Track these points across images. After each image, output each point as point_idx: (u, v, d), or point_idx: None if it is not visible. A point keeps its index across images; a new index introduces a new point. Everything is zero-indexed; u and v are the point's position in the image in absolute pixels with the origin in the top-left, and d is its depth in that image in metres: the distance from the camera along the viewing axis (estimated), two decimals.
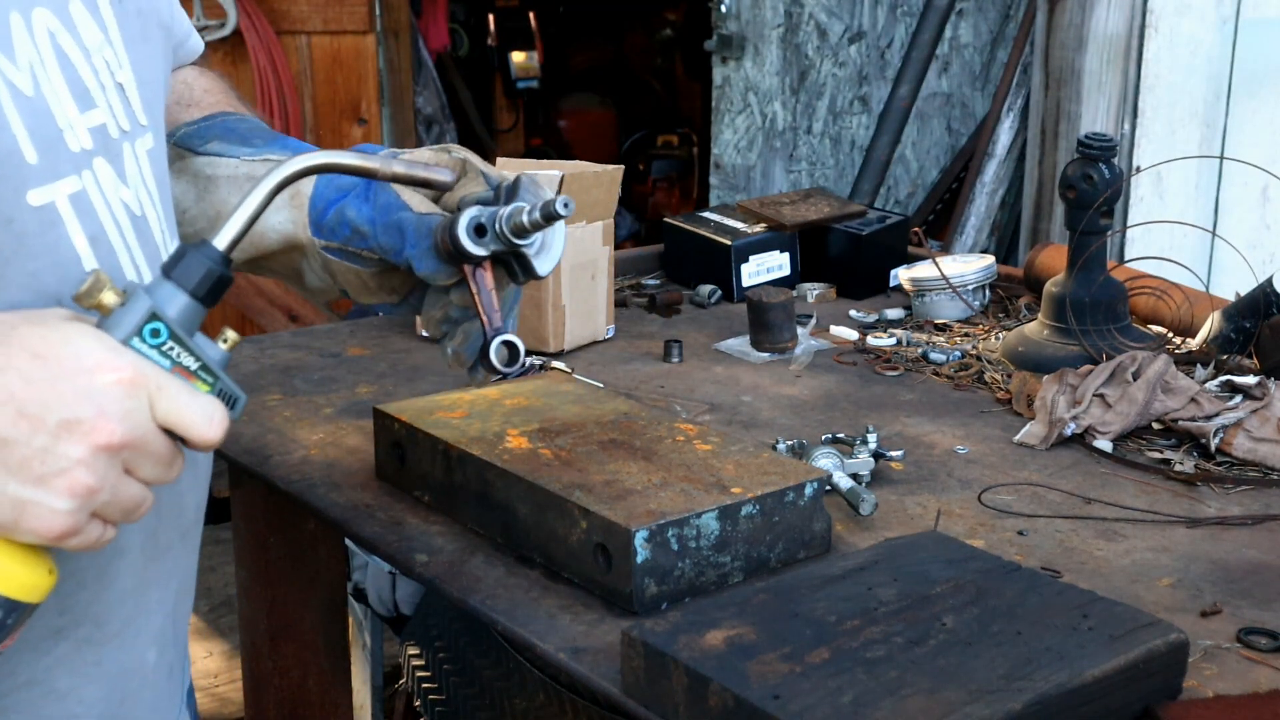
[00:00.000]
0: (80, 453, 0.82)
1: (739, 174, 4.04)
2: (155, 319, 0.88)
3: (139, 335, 0.87)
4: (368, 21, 4.17)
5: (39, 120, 0.91)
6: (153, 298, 0.88)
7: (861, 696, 0.94)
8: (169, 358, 0.88)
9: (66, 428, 0.82)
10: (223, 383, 0.91)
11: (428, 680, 1.96)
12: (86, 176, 0.95)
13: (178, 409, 0.86)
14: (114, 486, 0.84)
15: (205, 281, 0.91)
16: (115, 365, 0.83)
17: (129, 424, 0.83)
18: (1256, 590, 1.24)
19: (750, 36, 3.94)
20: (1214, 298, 1.99)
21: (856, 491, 1.35)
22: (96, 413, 0.82)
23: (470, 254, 1.09)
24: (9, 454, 0.81)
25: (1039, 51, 3.83)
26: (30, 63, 0.91)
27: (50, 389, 0.81)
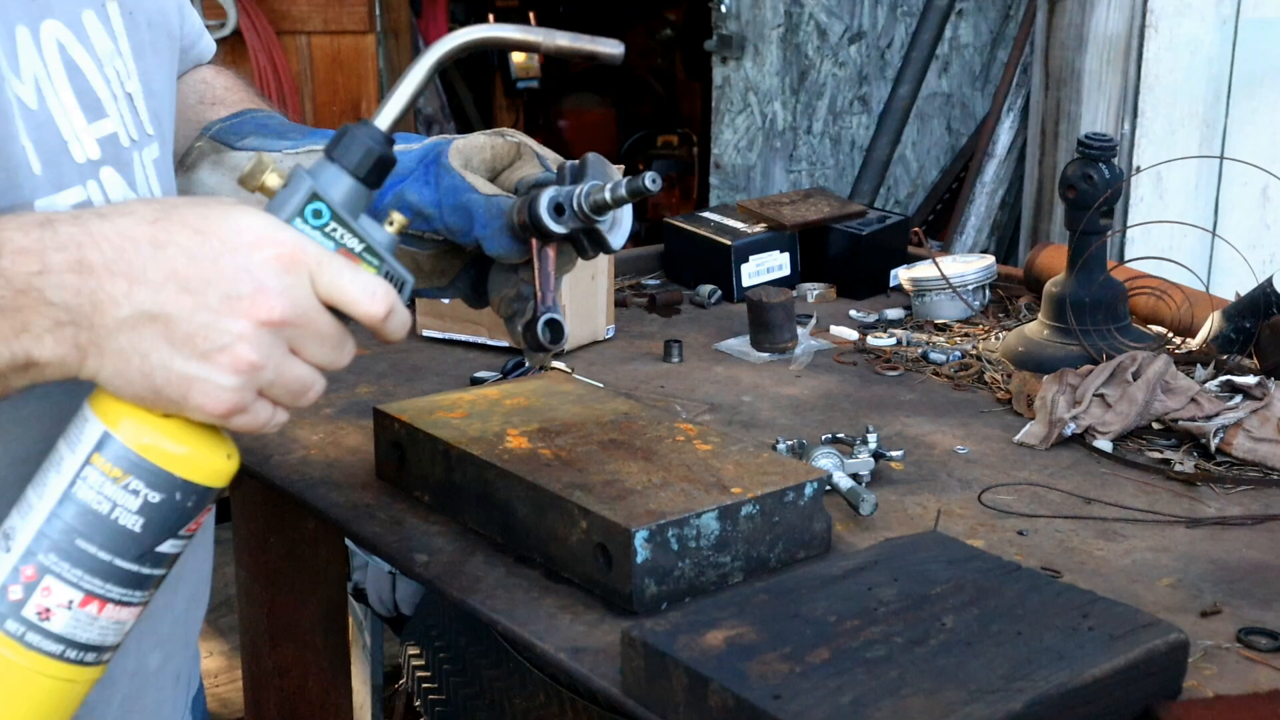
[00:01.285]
0: (242, 327, 0.82)
1: (739, 174, 4.04)
2: (316, 199, 0.86)
3: (301, 216, 0.86)
4: (368, 21, 4.17)
5: (43, 132, 0.92)
6: (314, 179, 0.87)
7: (861, 696, 0.94)
8: (332, 239, 0.87)
9: (228, 303, 0.81)
10: (388, 265, 0.89)
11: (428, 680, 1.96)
12: (92, 186, 0.95)
13: (339, 285, 0.85)
14: (278, 364, 0.84)
15: (366, 161, 0.89)
16: (275, 240, 0.83)
17: (289, 299, 0.83)
18: (1256, 590, 1.24)
19: (750, 36, 3.94)
20: (1214, 298, 1.99)
21: (856, 491, 1.35)
22: (256, 288, 0.82)
23: (550, 231, 1.07)
24: (173, 330, 0.81)
25: (1039, 51, 3.83)
26: (35, 75, 0.92)
27: (211, 265, 0.81)
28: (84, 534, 0.84)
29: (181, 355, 0.82)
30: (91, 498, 0.84)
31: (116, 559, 0.85)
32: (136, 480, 0.84)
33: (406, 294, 0.92)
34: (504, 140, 1.15)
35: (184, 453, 0.85)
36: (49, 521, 0.84)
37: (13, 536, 0.85)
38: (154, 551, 0.86)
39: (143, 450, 0.84)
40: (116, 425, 0.84)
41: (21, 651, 0.83)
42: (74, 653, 0.85)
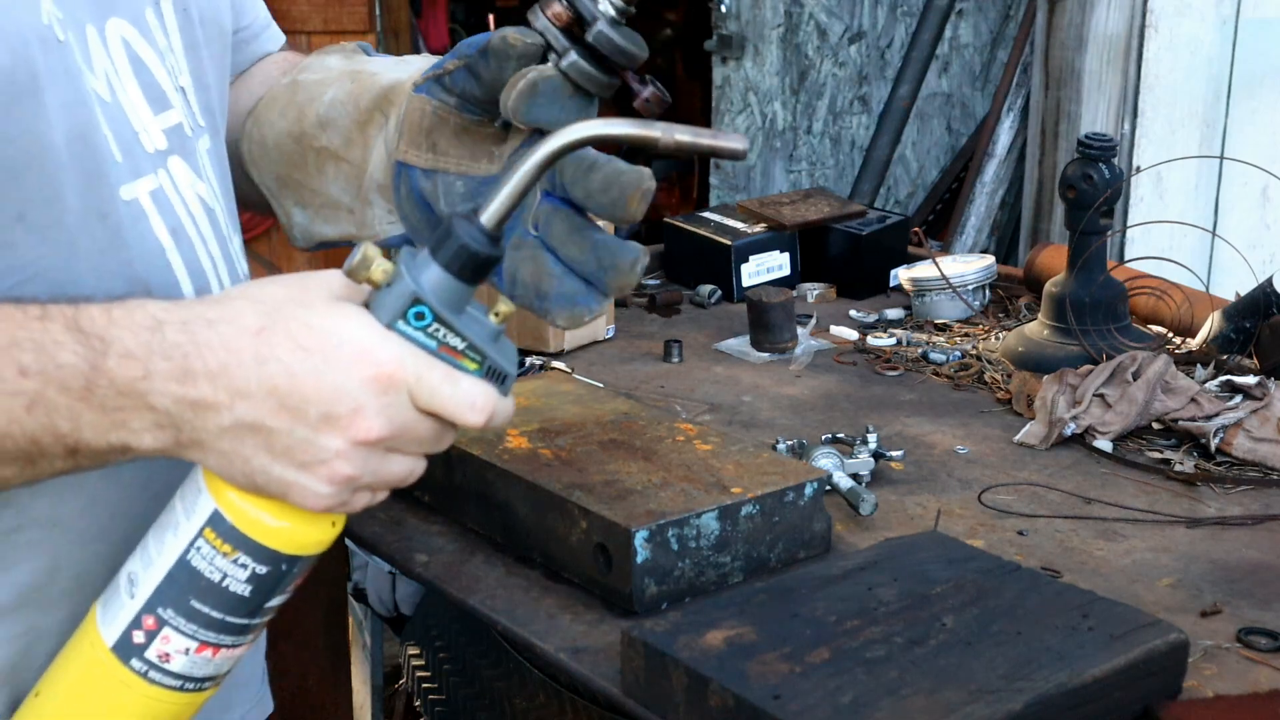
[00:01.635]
0: (339, 446, 0.85)
1: (739, 174, 4.04)
2: (418, 302, 0.86)
3: (403, 318, 0.86)
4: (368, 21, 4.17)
5: (117, 124, 0.96)
6: (415, 279, 0.86)
7: (861, 696, 0.94)
8: (434, 339, 0.87)
9: (326, 422, 0.84)
10: (490, 360, 0.89)
11: (428, 680, 1.96)
12: (162, 175, 1.00)
13: (439, 400, 0.86)
14: (375, 470, 0.87)
15: (471, 261, 0.87)
16: (375, 360, 0.85)
17: (385, 418, 0.85)
18: (1256, 590, 1.24)
19: (750, 36, 3.94)
20: (1214, 298, 1.99)
21: (856, 491, 1.35)
22: (354, 409, 0.84)
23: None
24: (273, 442, 0.85)
25: (1039, 51, 3.83)
26: (105, 71, 0.96)
27: (312, 383, 0.84)
28: (198, 596, 0.90)
29: (280, 464, 0.85)
30: (204, 567, 0.89)
31: (229, 617, 0.91)
32: (245, 556, 0.89)
33: (508, 386, 0.91)
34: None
35: (289, 530, 0.89)
36: (167, 580, 0.90)
37: (136, 584, 0.91)
38: (263, 607, 0.92)
39: (250, 530, 0.89)
40: (226, 504, 0.89)
41: (145, 686, 0.91)
42: (191, 685, 0.93)
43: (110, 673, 0.91)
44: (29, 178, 0.90)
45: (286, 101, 1.20)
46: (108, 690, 0.92)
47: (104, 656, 0.91)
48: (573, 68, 0.96)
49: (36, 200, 0.90)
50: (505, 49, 1.00)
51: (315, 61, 1.22)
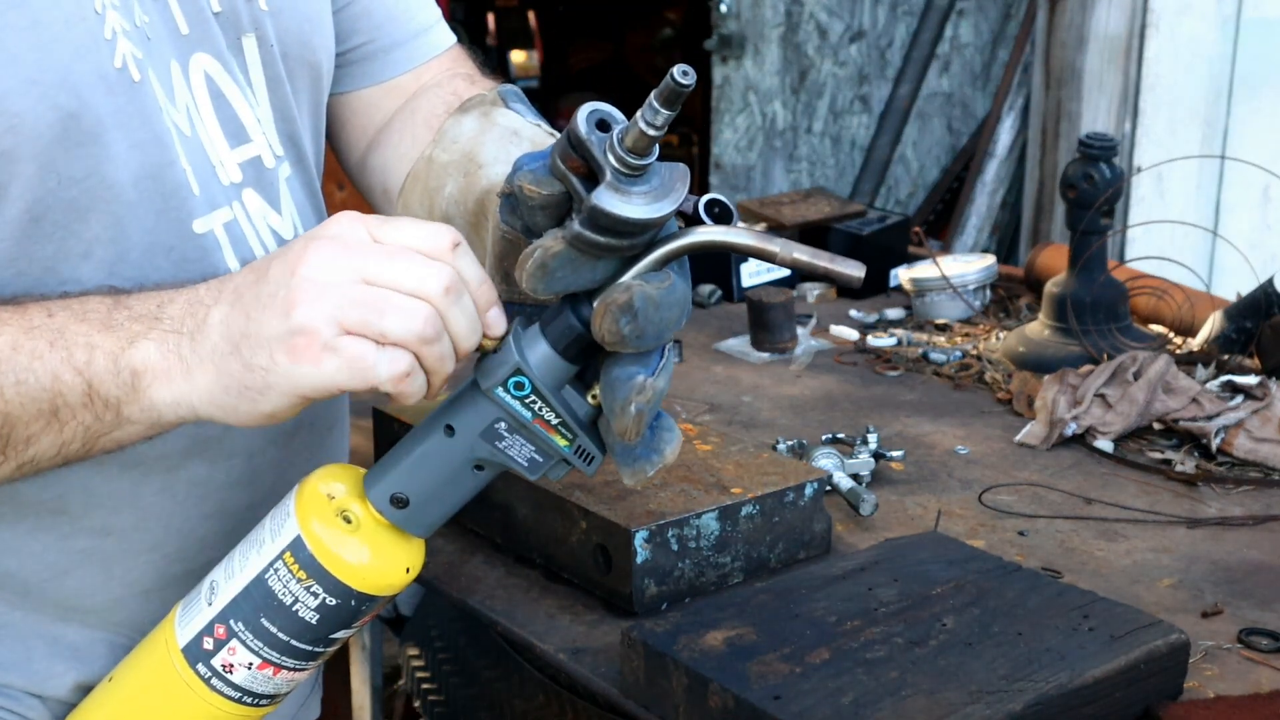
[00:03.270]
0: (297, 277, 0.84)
1: (739, 174, 4.04)
2: (519, 373, 0.89)
3: (503, 385, 0.89)
4: None
5: (196, 157, 1.00)
6: (520, 352, 0.89)
7: (862, 697, 0.94)
8: (531, 410, 0.89)
9: (281, 263, 0.86)
10: (581, 439, 0.91)
11: (427, 681, 1.96)
12: (236, 207, 1.03)
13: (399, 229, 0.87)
14: (359, 302, 0.83)
15: (577, 342, 0.88)
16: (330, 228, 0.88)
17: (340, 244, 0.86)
18: (1257, 591, 1.24)
19: (750, 36, 3.94)
20: (1215, 298, 1.99)
21: (857, 492, 1.35)
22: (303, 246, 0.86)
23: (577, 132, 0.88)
24: (253, 299, 0.86)
25: (1039, 51, 3.83)
26: (186, 105, 1.00)
27: (263, 268, 0.87)
28: (268, 615, 0.93)
29: (259, 319, 0.84)
30: (279, 589, 0.92)
31: (294, 640, 0.94)
32: (318, 585, 0.92)
33: (594, 468, 0.93)
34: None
35: (364, 568, 0.92)
36: (243, 594, 0.93)
37: (216, 592, 0.95)
38: (328, 638, 0.95)
39: (326, 561, 0.91)
40: (309, 533, 0.92)
41: (206, 692, 0.95)
42: (249, 699, 0.96)
43: (177, 672, 0.95)
44: (94, 217, 0.94)
45: (423, 188, 1.16)
46: (172, 689, 0.95)
47: (174, 656, 0.95)
48: (578, 239, 0.88)
49: (103, 238, 0.94)
50: (526, 199, 0.94)
51: (452, 127, 1.16)
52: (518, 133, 1.10)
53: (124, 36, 0.94)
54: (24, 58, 0.88)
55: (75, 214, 0.93)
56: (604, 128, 0.88)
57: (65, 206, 0.92)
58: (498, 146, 1.10)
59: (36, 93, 0.89)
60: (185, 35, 1.00)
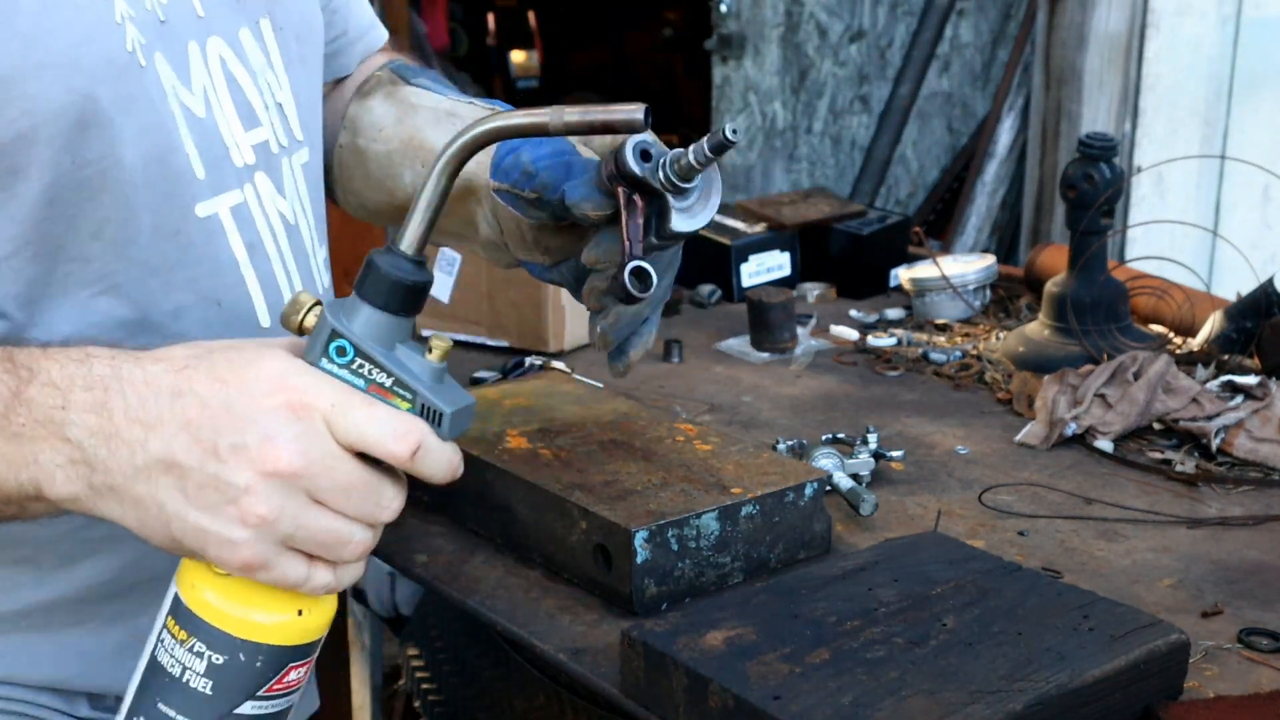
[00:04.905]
0: (248, 479, 0.80)
1: (739, 174, 4.04)
2: (338, 337, 0.84)
3: (325, 355, 0.84)
4: None
5: (208, 140, 1.00)
6: (334, 316, 0.84)
7: (862, 697, 0.94)
8: (361, 376, 0.83)
9: (235, 453, 0.80)
10: (423, 397, 0.84)
11: (427, 681, 1.96)
12: (248, 190, 1.04)
13: (357, 427, 0.81)
14: (296, 516, 0.81)
15: (394, 292, 0.85)
16: (285, 387, 0.81)
17: (297, 447, 0.80)
18: (1257, 591, 1.24)
19: (750, 36, 3.94)
20: (1215, 298, 1.98)
21: (857, 492, 1.35)
22: (262, 438, 0.80)
23: (629, 170, 0.98)
24: (186, 481, 0.81)
25: (1039, 51, 3.83)
26: (204, 87, 1.01)
27: (223, 413, 0.80)
28: (163, 697, 0.84)
29: (194, 507, 0.81)
30: (166, 660, 0.85)
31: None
32: (200, 642, 0.84)
33: (447, 426, 0.85)
34: None
35: (240, 613, 0.84)
36: (141, 683, 0.86)
37: (124, 699, 0.87)
38: (233, 714, 0.85)
39: (200, 610, 0.84)
40: (183, 585, 0.85)
41: None
42: None
43: None
44: (104, 198, 0.94)
45: (366, 179, 1.21)
46: None
47: None
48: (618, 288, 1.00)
49: (112, 219, 0.95)
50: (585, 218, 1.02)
51: (364, 114, 1.21)
52: (452, 113, 1.15)
53: (130, 22, 0.95)
54: (38, 41, 0.89)
55: (87, 194, 0.94)
56: (645, 156, 0.99)
57: (78, 187, 0.93)
58: (441, 131, 1.14)
59: (50, 76, 0.90)
60: (202, 18, 1.02)
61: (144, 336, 0.99)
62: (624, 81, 6.95)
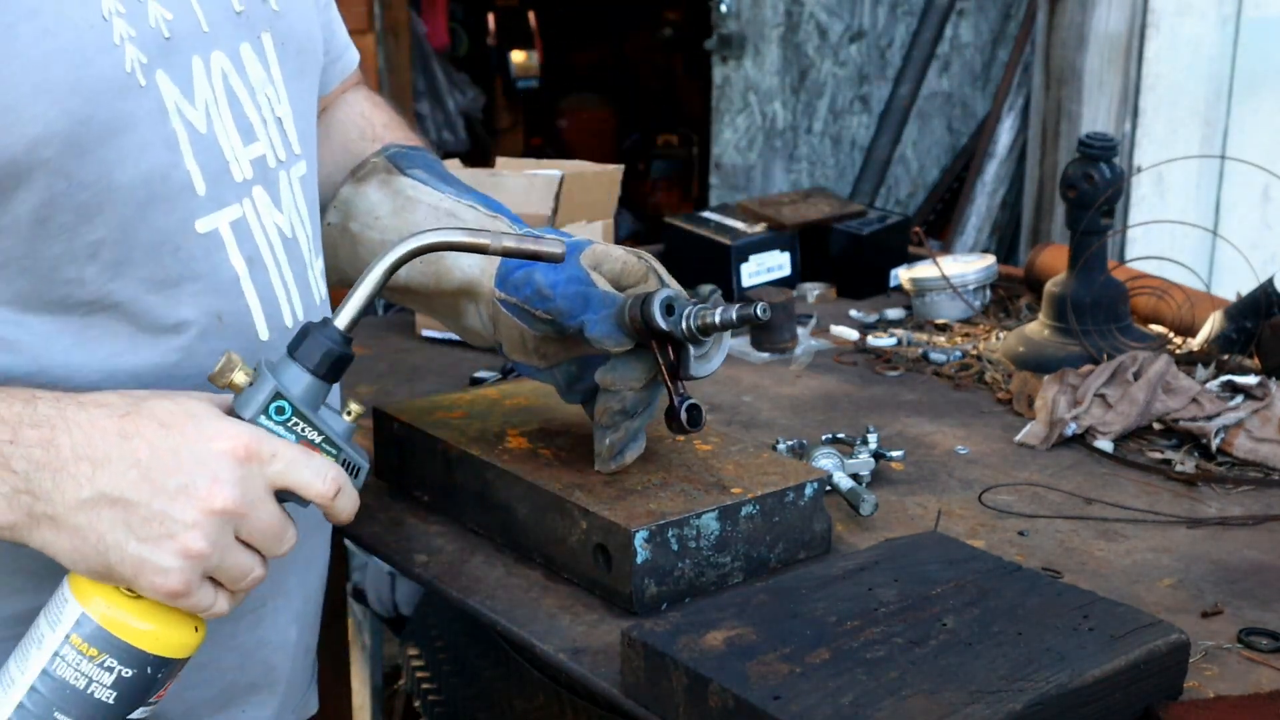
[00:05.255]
0: (194, 516, 0.89)
1: (739, 174, 4.04)
2: (279, 398, 0.94)
3: (265, 413, 0.94)
4: (367, 20, 4.16)
5: (209, 155, 1.02)
6: (277, 377, 0.95)
7: (862, 697, 0.94)
8: (293, 433, 0.94)
9: (183, 492, 0.89)
10: (345, 453, 0.97)
11: (427, 680, 1.96)
12: (246, 204, 1.05)
13: (292, 471, 0.92)
14: (223, 551, 0.90)
15: (326, 360, 0.96)
16: (230, 435, 0.91)
17: (240, 490, 0.90)
18: (1258, 591, 1.24)
19: (750, 36, 3.94)
20: (1215, 298, 1.98)
21: (857, 492, 1.35)
22: (210, 479, 0.89)
23: (658, 327, 1.13)
24: (131, 514, 0.89)
25: (1039, 51, 3.83)
26: (206, 101, 1.02)
27: (172, 456, 0.89)
28: (61, 707, 0.91)
29: (135, 538, 0.89)
30: (69, 674, 0.91)
31: None
32: (110, 658, 0.91)
33: (361, 479, 0.98)
34: (637, 260, 1.21)
35: (152, 630, 0.92)
36: (30, 694, 0.91)
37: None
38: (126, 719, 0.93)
39: (115, 629, 0.91)
40: (90, 606, 0.91)
41: None
42: None
43: None
44: (101, 219, 0.95)
45: (351, 258, 1.27)
46: None
47: None
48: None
49: (109, 240, 0.96)
50: (606, 349, 1.16)
51: (359, 199, 1.27)
52: (452, 213, 1.24)
53: (130, 42, 0.96)
54: (37, 65, 0.90)
55: (83, 216, 0.94)
56: (669, 309, 1.13)
57: (74, 209, 0.94)
58: (434, 227, 1.19)
59: (46, 100, 0.91)
60: (206, 33, 1.02)
61: (145, 350, 1.00)
62: (624, 81, 6.96)
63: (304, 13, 1.16)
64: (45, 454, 0.88)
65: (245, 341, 1.05)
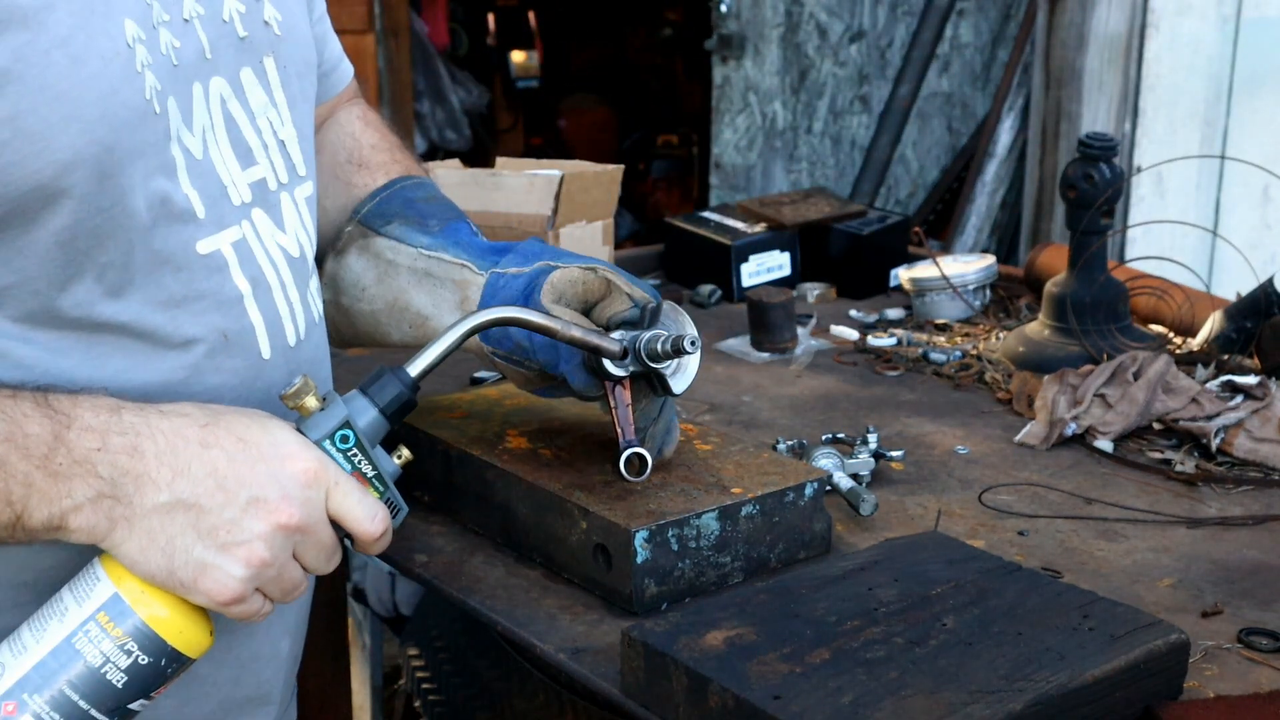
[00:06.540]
0: (262, 528, 0.93)
1: (739, 174, 4.04)
2: (347, 427, 0.99)
3: (330, 439, 0.98)
4: (367, 21, 4.16)
5: (205, 180, 1.03)
6: (348, 408, 1.00)
7: (862, 697, 0.94)
8: (351, 462, 0.99)
9: (255, 504, 0.93)
10: (390, 493, 1.01)
11: (427, 680, 1.96)
12: (246, 226, 1.07)
13: (349, 505, 0.97)
14: (282, 565, 0.95)
15: (395, 403, 1.02)
16: (304, 457, 0.95)
17: (306, 510, 0.95)
18: (1257, 590, 1.24)
19: (750, 36, 3.94)
20: (1215, 298, 1.98)
21: (857, 492, 1.35)
22: (281, 495, 0.94)
23: (611, 374, 1.16)
24: (202, 520, 0.93)
25: (1039, 51, 3.83)
26: (203, 127, 1.03)
27: (248, 468, 0.94)
28: (71, 681, 0.93)
29: (203, 543, 0.93)
30: (88, 650, 0.93)
31: (93, 709, 0.93)
32: (133, 642, 0.94)
33: (399, 520, 1.03)
34: (595, 276, 1.22)
35: (177, 624, 0.95)
36: (41, 664, 0.93)
37: (0, 673, 0.93)
38: (125, 708, 0.95)
39: (144, 615, 0.94)
40: (127, 590, 0.94)
41: None
42: None
43: None
44: (111, 243, 0.96)
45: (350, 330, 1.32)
46: None
47: None
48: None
49: (115, 263, 0.97)
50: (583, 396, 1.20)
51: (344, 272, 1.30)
52: (428, 273, 1.26)
53: (149, 69, 0.97)
54: (67, 95, 0.91)
55: (97, 240, 0.95)
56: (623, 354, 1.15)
57: (90, 233, 0.95)
58: (424, 294, 1.26)
59: (78, 128, 0.92)
60: (209, 60, 1.03)
61: (153, 367, 1.01)
62: (624, 81, 6.95)
63: (303, 36, 1.17)
64: (130, 460, 0.91)
65: (249, 360, 1.07)
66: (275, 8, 1.11)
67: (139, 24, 0.96)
